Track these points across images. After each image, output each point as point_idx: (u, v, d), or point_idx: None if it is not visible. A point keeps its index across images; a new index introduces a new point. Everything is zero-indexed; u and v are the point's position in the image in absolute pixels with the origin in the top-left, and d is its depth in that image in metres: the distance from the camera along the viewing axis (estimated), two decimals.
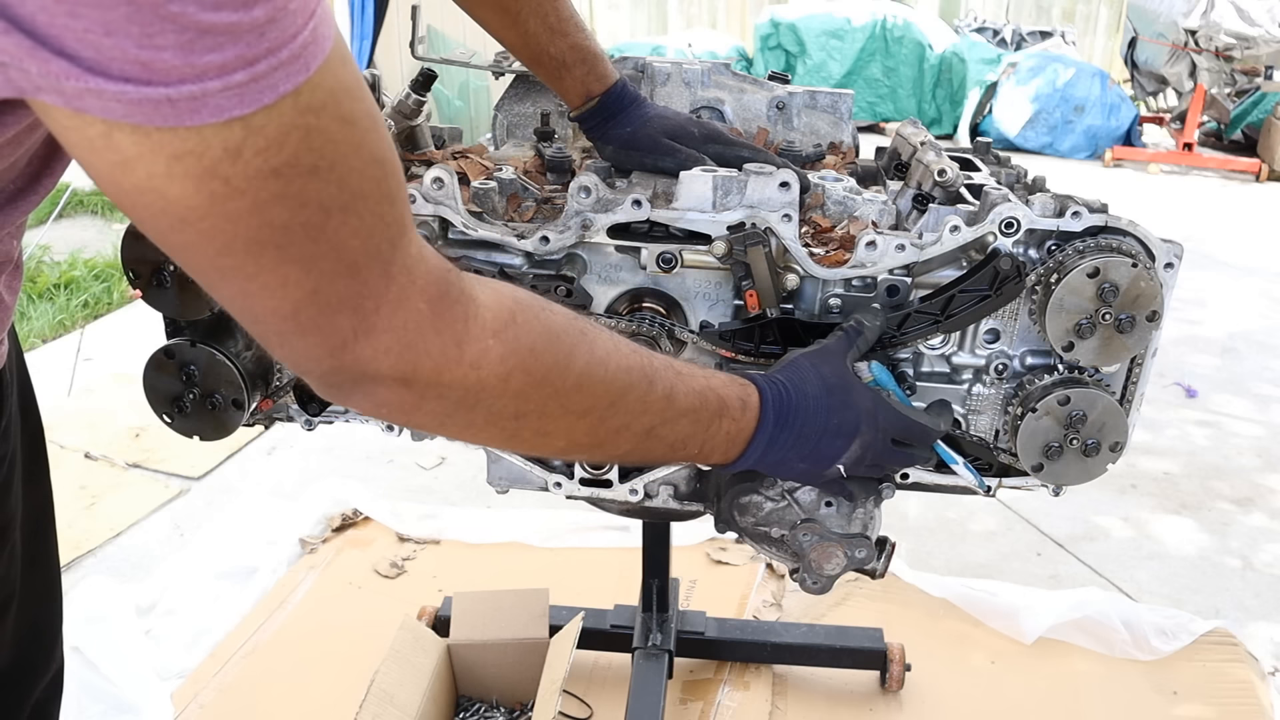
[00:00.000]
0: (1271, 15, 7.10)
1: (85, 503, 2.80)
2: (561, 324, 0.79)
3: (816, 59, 8.41)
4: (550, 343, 0.77)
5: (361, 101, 0.62)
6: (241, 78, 0.53)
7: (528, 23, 1.24)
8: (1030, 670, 2.18)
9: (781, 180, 1.12)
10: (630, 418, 0.86)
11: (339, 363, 0.68)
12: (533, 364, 0.75)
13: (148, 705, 1.98)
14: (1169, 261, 1.14)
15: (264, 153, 0.56)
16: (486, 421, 0.77)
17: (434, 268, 0.69)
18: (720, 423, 0.94)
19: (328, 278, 0.63)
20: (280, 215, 0.59)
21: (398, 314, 0.67)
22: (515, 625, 1.98)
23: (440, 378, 0.71)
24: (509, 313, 0.74)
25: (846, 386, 1.04)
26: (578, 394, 0.80)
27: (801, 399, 1.00)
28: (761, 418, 0.97)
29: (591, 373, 0.80)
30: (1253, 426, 3.51)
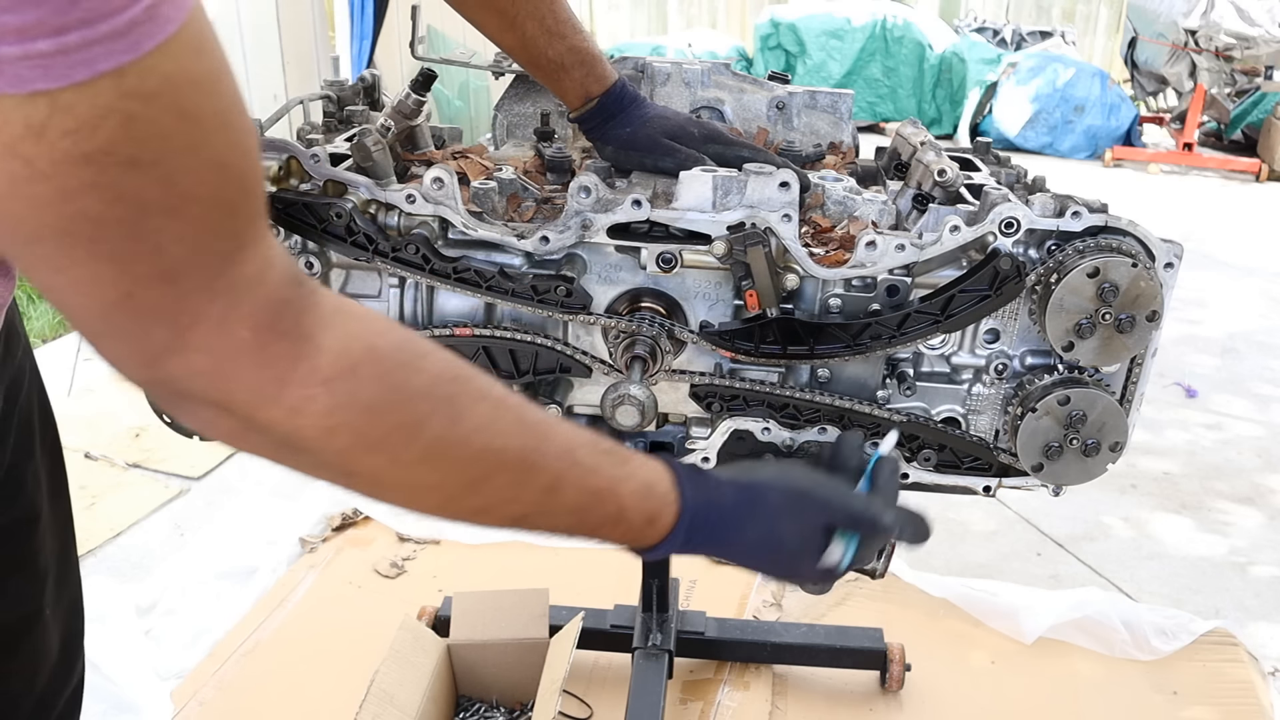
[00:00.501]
0: (1271, 15, 7.10)
1: (85, 503, 2.80)
2: (422, 386, 0.70)
3: (816, 59, 8.41)
4: (395, 405, 0.68)
5: (214, 98, 0.57)
6: (46, 47, 0.48)
7: (524, 26, 1.23)
8: (1030, 670, 2.18)
9: (781, 180, 1.12)
10: (493, 502, 0.78)
11: (154, 375, 0.63)
12: (366, 425, 0.67)
13: (148, 704, 1.98)
14: (1169, 261, 1.14)
15: (72, 134, 0.51)
16: (315, 468, 0.71)
17: (271, 294, 0.62)
18: (614, 528, 0.84)
19: (143, 282, 0.58)
20: (92, 207, 0.53)
21: (215, 336, 0.61)
22: (515, 625, 1.98)
23: (255, 414, 0.65)
24: (352, 364, 0.66)
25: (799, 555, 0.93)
26: (421, 466, 0.72)
27: (733, 535, 0.91)
28: (669, 538, 0.87)
29: (445, 450, 0.72)
30: (1253, 426, 3.51)
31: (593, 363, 1.21)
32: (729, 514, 0.90)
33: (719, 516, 0.90)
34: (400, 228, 1.18)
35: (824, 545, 0.93)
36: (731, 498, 0.91)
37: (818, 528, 0.93)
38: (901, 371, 1.24)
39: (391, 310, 1.24)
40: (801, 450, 1.27)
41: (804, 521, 0.93)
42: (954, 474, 1.28)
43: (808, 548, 0.93)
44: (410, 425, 0.70)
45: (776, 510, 0.92)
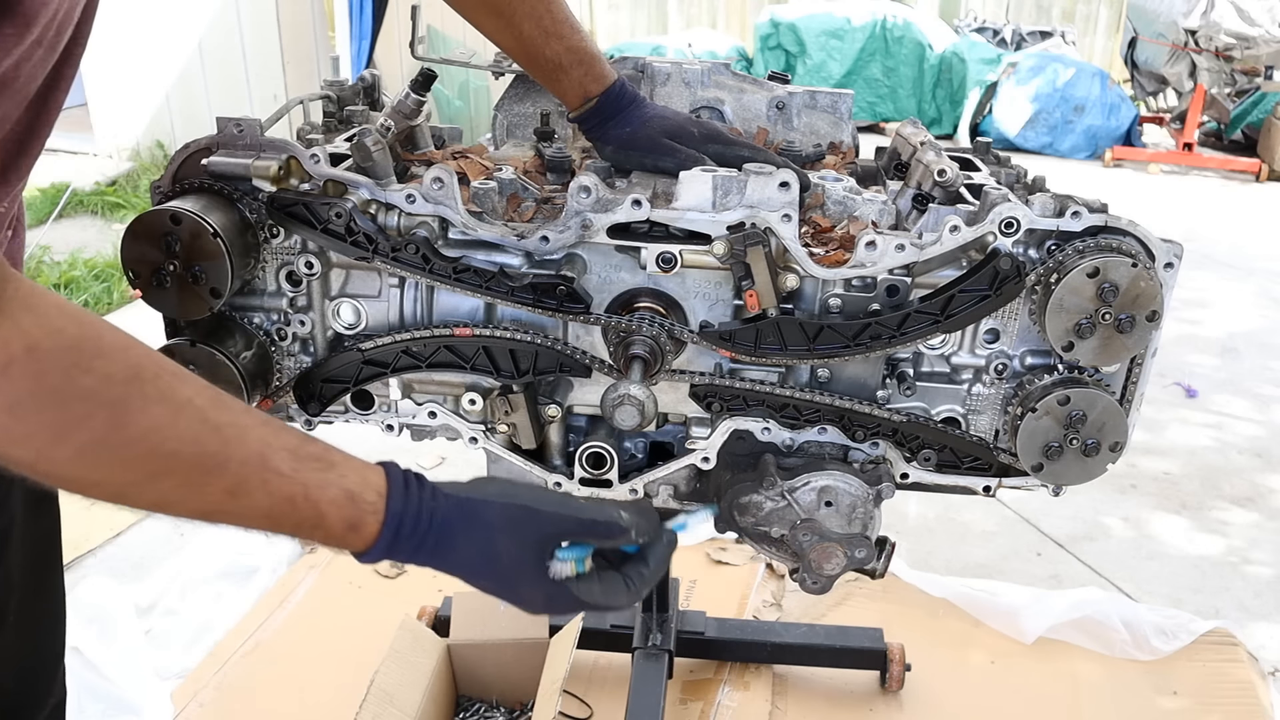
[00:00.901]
0: (1271, 15, 7.10)
1: (85, 502, 2.79)
2: (86, 387, 0.71)
3: (816, 59, 8.41)
4: (42, 406, 0.69)
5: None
6: None
7: (521, 26, 1.23)
8: (1030, 670, 2.18)
9: (781, 180, 1.12)
10: (168, 501, 0.78)
11: None
12: (9, 422, 0.69)
13: (148, 705, 1.98)
14: (1169, 261, 1.14)
15: None
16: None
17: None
18: (312, 531, 0.85)
19: None
20: None
21: None
22: (515, 625, 1.98)
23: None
24: (5, 360, 0.67)
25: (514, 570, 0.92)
26: (76, 464, 0.73)
27: (443, 548, 0.90)
28: (375, 545, 0.87)
29: (102, 450, 0.73)
30: (1253, 426, 3.51)
31: (592, 363, 1.20)
32: (440, 528, 0.89)
33: (428, 529, 0.89)
34: (400, 228, 1.18)
35: (544, 561, 0.92)
36: (445, 512, 0.90)
37: (536, 542, 0.91)
38: (901, 371, 1.24)
39: (391, 310, 1.24)
40: (801, 450, 1.27)
41: (521, 537, 0.91)
42: (954, 474, 1.28)
43: (525, 565, 0.91)
44: (61, 425, 0.70)
45: (493, 526, 0.91)
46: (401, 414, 1.30)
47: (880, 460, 1.26)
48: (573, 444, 1.29)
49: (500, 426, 1.27)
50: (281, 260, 1.22)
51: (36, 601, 1.10)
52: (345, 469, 0.86)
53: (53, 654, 1.16)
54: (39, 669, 1.13)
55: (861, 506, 1.19)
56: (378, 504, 0.87)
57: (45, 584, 1.13)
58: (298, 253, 1.21)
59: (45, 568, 1.12)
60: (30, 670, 1.11)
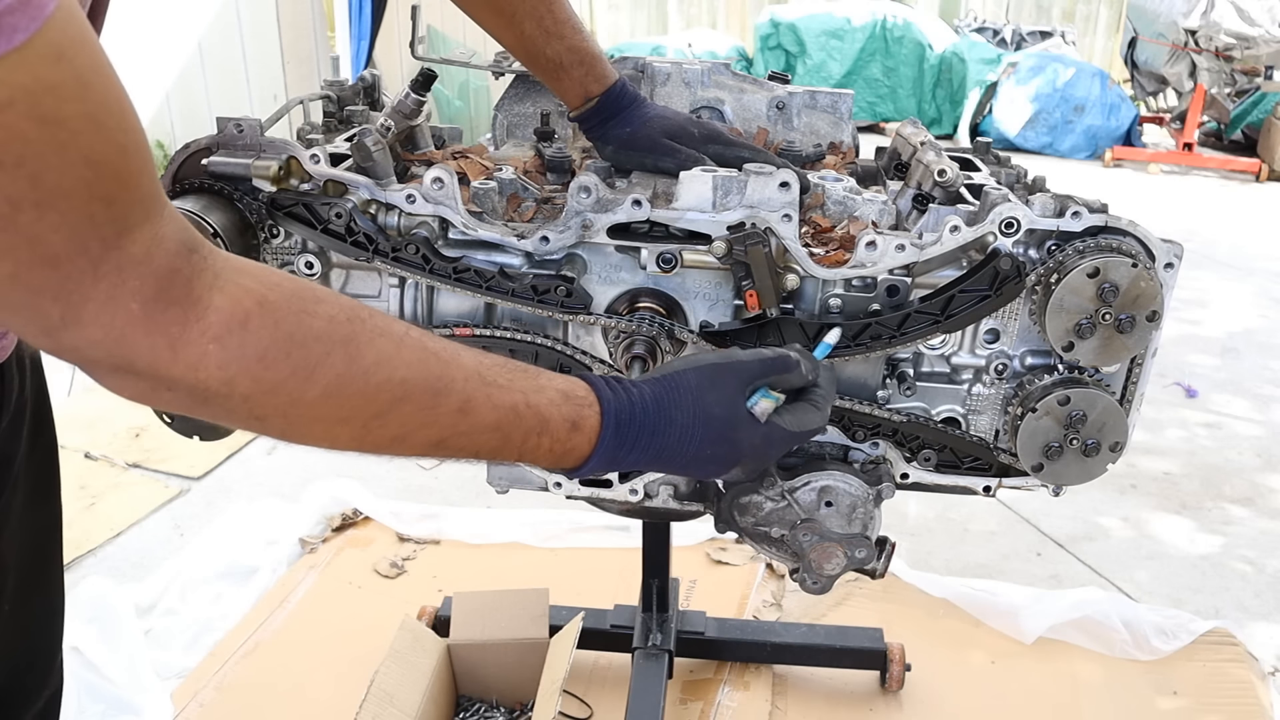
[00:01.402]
0: (1271, 15, 7.10)
1: (85, 503, 2.80)
2: (317, 329, 0.74)
3: (816, 59, 8.42)
4: (288, 351, 0.73)
5: (78, 102, 0.60)
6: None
7: (523, 25, 1.24)
8: (1030, 670, 2.18)
9: (781, 180, 1.12)
10: (406, 429, 0.81)
11: (55, 344, 0.67)
12: (261, 372, 0.72)
13: (148, 705, 1.98)
14: (1169, 261, 1.14)
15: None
16: (228, 417, 0.75)
17: (157, 268, 0.67)
18: (539, 440, 0.87)
19: (25, 266, 0.62)
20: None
21: (105, 311, 0.65)
22: (515, 625, 1.98)
23: (158, 374, 0.69)
24: (242, 317, 0.71)
25: (731, 421, 0.96)
26: (325, 404, 0.76)
27: (665, 424, 0.93)
28: (599, 441, 0.90)
29: (345, 384, 0.76)
30: (1253, 426, 3.51)
31: (593, 363, 1.21)
32: (652, 405, 0.93)
33: (644, 409, 0.92)
34: (400, 228, 1.18)
35: (749, 407, 0.97)
36: (651, 390, 0.94)
37: (738, 390, 0.97)
38: (902, 371, 1.24)
39: (391, 310, 1.24)
40: (801, 450, 1.27)
41: (724, 389, 0.96)
42: (954, 474, 1.28)
43: (736, 411, 0.96)
44: (306, 367, 0.74)
45: (696, 388, 0.95)
46: None
47: (880, 460, 1.26)
48: None
49: None
50: (282, 260, 1.22)
51: (33, 592, 1.10)
52: (549, 376, 0.90)
53: (49, 645, 1.16)
54: (35, 659, 1.13)
55: (862, 506, 1.19)
56: (590, 398, 0.90)
57: (43, 575, 1.13)
58: (298, 253, 1.21)
59: (43, 559, 1.12)
60: (26, 661, 1.11)
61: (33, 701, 1.13)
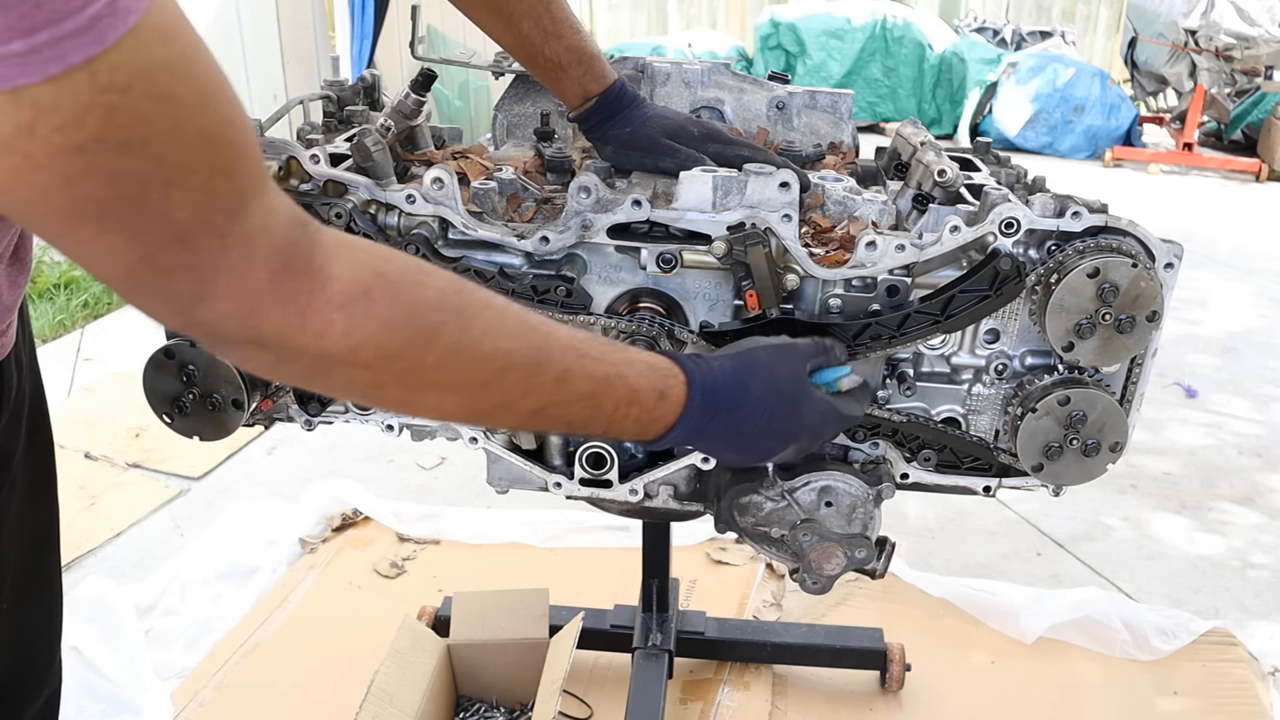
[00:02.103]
0: (1271, 15, 7.09)
1: (85, 503, 2.80)
2: (431, 299, 0.78)
3: (816, 59, 8.41)
4: (408, 319, 0.76)
5: (187, 79, 0.62)
6: (19, 47, 0.53)
7: (520, 25, 1.24)
8: (1030, 670, 2.18)
9: (781, 180, 1.12)
10: (510, 397, 0.84)
11: (188, 320, 0.69)
12: (385, 339, 0.75)
13: (148, 705, 1.98)
14: (1169, 261, 1.14)
15: (61, 129, 0.56)
16: (346, 387, 0.79)
17: (278, 239, 0.69)
18: (628, 410, 0.91)
19: (157, 246, 0.64)
20: (93, 189, 0.59)
21: (235, 282, 0.68)
22: (515, 625, 1.98)
23: (286, 344, 0.72)
24: (364, 287, 0.73)
25: (798, 396, 1.02)
26: (440, 371, 0.79)
27: (743, 395, 0.98)
28: (686, 409, 0.95)
29: (459, 351, 0.79)
30: (1253, 426, 3.51)
31: None
32: (732, 378, 0.98)
33: (725, 381, 0.97)
34: (400, 228, 1.18)
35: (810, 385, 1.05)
36: (729, 363, 0.99)
37: (801, 369, 1.04)
38: (902, 372, 1.24)
39: None
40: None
41: (792, 365, 1.04)
42: (954, 474, 1.28)
43: (803, 388, 1.03)
44: (425, 334, 0.77)
45: (769, 363, 1.02)
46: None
47: (880, 460, 1.26)
48: (573, 444, 1.29)
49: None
50: None
51: (32, 590, 1.10)
52: (635, 351, 0.95)
53: (48, 643, 1.16)
54: (34, 658, 1.13)
55: (862, 507, 1.19)
56: (675, 370, 0.95)
57: (41, 573, 1.13)
58: None
59: (41, 556, 1.12)
60: (25, 659, 1.11)
61: (32, 700, 1.13)
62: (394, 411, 0.84)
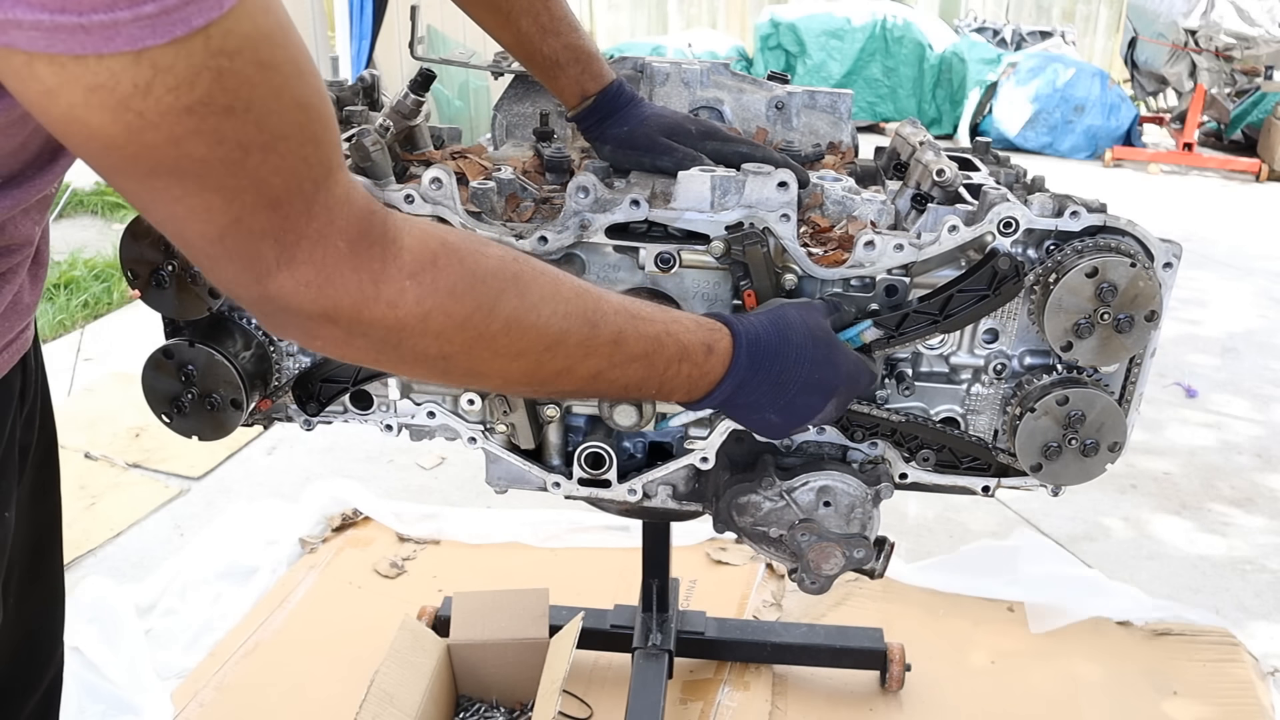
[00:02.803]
0: (1271, 15, 7.10)
1: (85, 503, 2.80)
2: (491, 267, 0.80)
3: (816, 59, 8.41)
4: (473, 286, 0.78)
5: (284, 48, 0.64)
6: (151, 9, 0.56)
7: (519, 22, 1.24)
8: (1030, 670, 2.18)
9: (780, 180, 1.12)
10: (571, 361, 0.86)
11: (264, 290, 0.71)
12: (452, 306, 0.77)
13: (148, 705, 1.98)
14: (1168, 261, 1.14)
15: (175, 90, 0.59)
16: (415, 359, 0.80)
17: (358, 209, 0.72)
18: (680, 367, 0.93)
19: (250, 209, 0.66)
20: (198, 149, 0.62)
21: (317, 249, 0.70)
22: (515, 625, 1.98)
23: (359, 314, 0.73)
24: (431, 255, 0.76)
25: (831, 342, 1.05)
26: (505, 337, 0.81)
27: (784, 344, 0.99)
28: (733, 361, 0.97)
29: (522, 317, 0.81)
30: (1253, 426, 3.51)
31: None
32: (772, 329, 1.00)
33: (766, 331, 0.99)
34: None
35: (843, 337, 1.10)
36: (765, 317, 1.02)
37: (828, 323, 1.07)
38: (900, 371, 1.24)
39: None
40: (800, 450, 1.27)
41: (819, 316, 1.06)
42: (953, 474, 1.28)
43: (833, 336, 1.06)
44: (489, 301, 0.79)
45: (800, 315, 1.04)
46: (400, 414, 1.30)
47: (879, 460, 1.26)
48: (571, 444, 1.29)
49: (499, 426, 1.27)
50: None
51: (35, 583, 1.11)
52: (677, 311, 0.99)
53: (50, 636, 1.16)
54: (36, 650, 1.14)
55: (860, 506, 1.19)
56: (718, 325, 0.98)
57: (44, 567, 1.13)
58: None
59: (45, 550, 1.13)
60: (28, 651, 1.12)
61: (34, 691, 1.14)
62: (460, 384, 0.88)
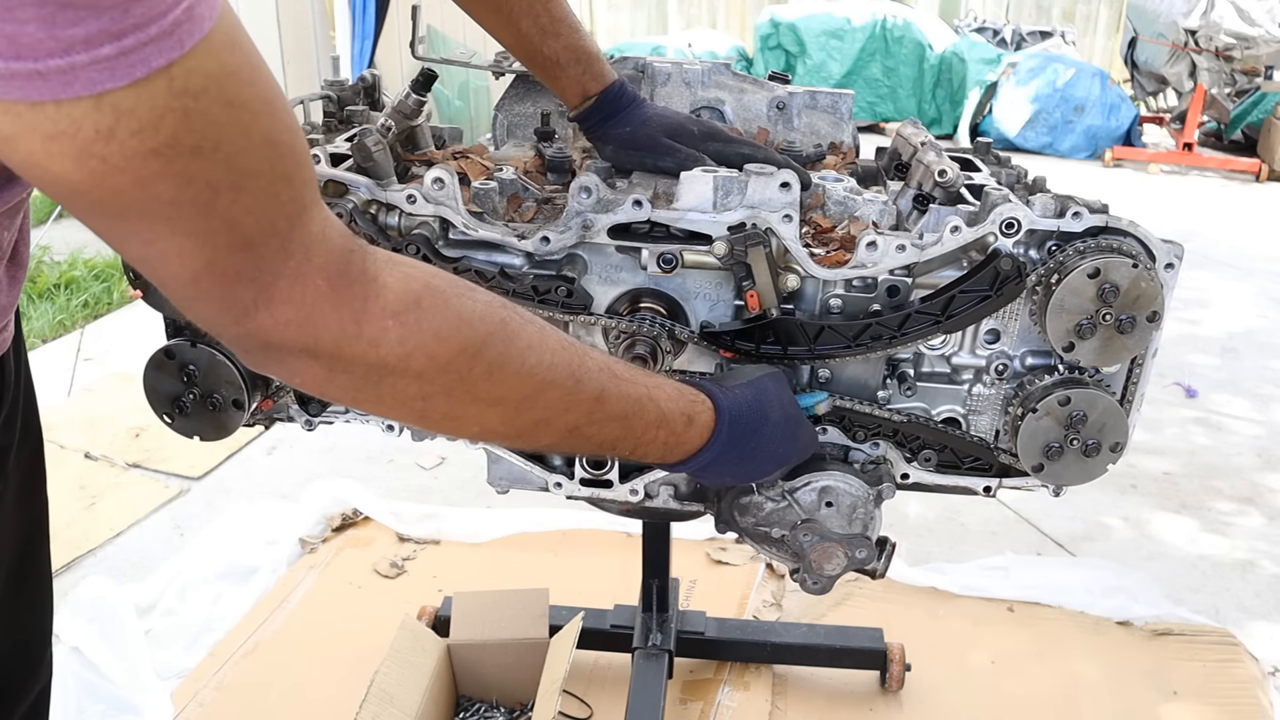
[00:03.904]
0: (1271, 15, 7.10)
1: (85, 503, 2.80)
2: (478, 311, 0.79)
3: (816, 59, 8.41)
4: (458, 329, 0.77)
5: (252, 85, 0.63)
6: (109, 51, 0.55)
7: (519, 22, 1.24)
8: (1030, 670, 2.19)
9: (782, 180, 1.12)
10: (550, 414, 0.85)
11: (244, 330, 0.70)
12: (435, 348, 0.76)
13: (148, 705, 1.98)
14: (1169, 262, 1.14)
15: (139, 134, 0.58)
16: (394, 400, 0.78)
17: (335, 246, 0.71)
18: (657, 433, 0.93)
19: (222, 251, 0.65)
20: (166, 191, 0.61)
21: (295, 288, 0.69)
22: (515, 625, 1.98)
23: (341, 352, 0.72)
24: (415, 296, 0.75)
25: (799, 419, 1.09)
26: (487, 382, 0.79)
27: (763, 423, 1.01)
28: (713, 438, 0.98)
29: (505, 364, 0.80)
30: (1253, 426, 3.51)
31: None
32: (754, 404, 1.01)
33: (747, 408, 1.00)
34: (401, 228, 1.18)
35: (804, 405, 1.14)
36: (746, 391, 1.02)
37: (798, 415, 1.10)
38: (902, 372, 1.24)
39: None
40: None
41: (789, 392, 1.09)
42: (954, 474, 1.28)
43: (799, 411, 1.09)
44: (473, 345, 0.78)
45: (776, 391, 1.05)
46: None
47: (881, 460, 1.26)
48: None
49: None
50: None
51: (23, 585, 1.10)
52: (661, 375, 0.99)
53: (40, 639, 1.16)
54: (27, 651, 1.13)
55: (862, 507, 1.19)
56: (700, 397, 0.97)
57: (32, 568, 1.13)
58: None
59: (32, 551, 1.12)
60: (18, 655, 1.11)
61: (24, 696, 1.13)
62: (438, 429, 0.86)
